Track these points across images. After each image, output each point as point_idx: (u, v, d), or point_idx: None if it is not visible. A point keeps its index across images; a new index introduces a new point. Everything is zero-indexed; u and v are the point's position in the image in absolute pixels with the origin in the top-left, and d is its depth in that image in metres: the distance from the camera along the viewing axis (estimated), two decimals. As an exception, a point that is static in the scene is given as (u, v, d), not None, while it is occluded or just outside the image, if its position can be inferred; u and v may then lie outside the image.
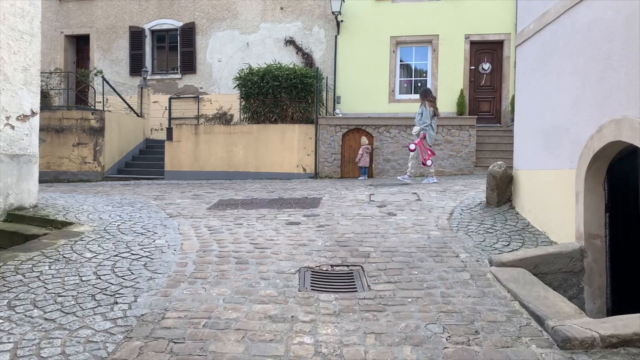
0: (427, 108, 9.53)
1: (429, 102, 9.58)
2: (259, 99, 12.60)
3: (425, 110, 9.54)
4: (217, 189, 9.55)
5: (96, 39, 16.68)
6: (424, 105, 9.57)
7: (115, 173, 13.51)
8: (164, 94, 16.06)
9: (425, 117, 9.52)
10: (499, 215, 6.32)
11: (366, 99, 14.29)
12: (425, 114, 9.54)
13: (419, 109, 9.66)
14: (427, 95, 9.74)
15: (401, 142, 12.16)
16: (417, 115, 9.67)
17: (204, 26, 15.75)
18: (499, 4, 13.73)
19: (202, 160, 12.79)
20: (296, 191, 8.91)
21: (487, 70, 14.13)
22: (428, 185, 8.79)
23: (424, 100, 9.63)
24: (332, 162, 12.39)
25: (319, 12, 14.88)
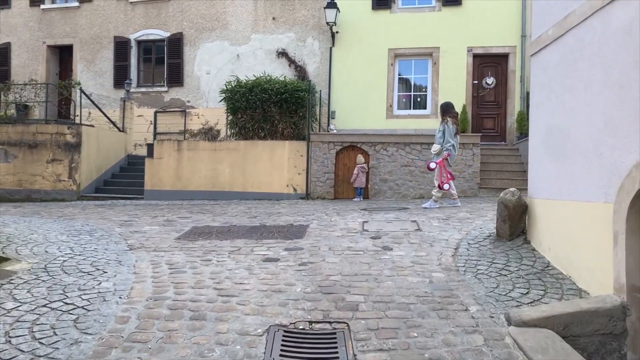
0: (449, 125, 8.57)
1: (452, 118, 8.63)
2: (246, 113, 11.74)
3: (448, 128, 8.54)
4: (194, 213, 8.62)
5: (79, 50, 15.88)
6: (445, 122, 8.51)
7: (92, 192, 12.58)
8: (149, 108, 15.21)
9: (449, 136, 8.50)
10: (513, 251, 5.39)
11: (362, 114, 13.45)
12: (447, 131, 8.52)
13: (440, 126, 8.63)
14: (448, 110, 8.73)
15: (399, 160, 11.27)
16: (437, 132, 8.64)
17: (192, 37, 14.96)
18: (504, 15, 12.95)
19: (184, 179, 11.87)
20: (281, 216, 7.98)
21: (491, 84, 13.30)
22: (429, 212, 7.84)
23: (445, 116, 8.63)
24: (324, 182, 11.48)
25: (313, 23, 14.10)
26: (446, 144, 8.43)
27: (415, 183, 11.18)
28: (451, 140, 8.45)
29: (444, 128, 8.49)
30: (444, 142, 8.45)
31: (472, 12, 13.14)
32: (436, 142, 8.64)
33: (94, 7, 15.70)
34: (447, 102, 8.90)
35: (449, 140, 8.43)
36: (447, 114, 8.65)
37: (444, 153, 8.46)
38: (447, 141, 8.42)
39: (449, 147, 8.43)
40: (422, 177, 11.16)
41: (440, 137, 8.57)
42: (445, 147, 8.44)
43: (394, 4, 13.54)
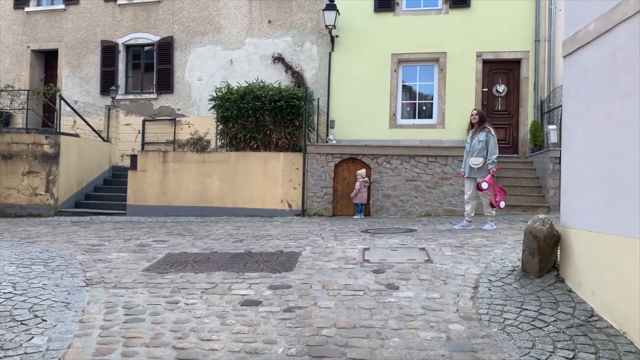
0: (493, 135, 7.60)
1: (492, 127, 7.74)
2: (238, 122, 10.83)
3: (492, 138, 7.56)
4: (174, 235, 7.67)
5: (65, 54, 15.03)
6: (487, 132, 7.54)
7: (72, 206, 11.66)
8: (137, 116, 14.32)
9: (494, 147, 7.52)
10: (544, 293, 4.43)
11: (363, 123, 12.53)
12: (492, 142, 7.53)
13: (481, 136, 7.54)
14: (486, 119, 7.84)
15: (404, 174, 10.33)
16: (478, 143, 7.54)
17: (183, 41, 14.09)
18: (516, 17, 12.06)
19: (170, 193, 10.94)
20: (271, 240, 7.03)
21: (502, 92, 12.38)
22: (439, 237, 6.87)
23: (483, 124, 7.64)
24: (322, 197, 10.54)
25: (311, 26, 13.23)
26: (491, 156, 7.43)
27: (421, 199, 10.23)
28: (497, 152, 7.50)
29: (488, 138, 7.47)
30: (489, 154, 7.44)
31: (481, 15, 12.26)
32: (475, 154, 7.55)
33: (81, 10, 14.87)
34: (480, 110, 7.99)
35: (495, 152, 7.46)
36: (487, 122, 7.71)
37: (491, 167, 7.41)
38: (493, 153, 7.44)
39: (495, 160, 7.45)
40: (428, 193, 10.22)
41: (482, 148, 7.51)
42: (491, 160, 7.43)
43: (398, 6, 12.67)
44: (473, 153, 7.55)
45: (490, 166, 7.40)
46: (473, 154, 7.55)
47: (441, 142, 12.14)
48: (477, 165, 7.49)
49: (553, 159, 9.98)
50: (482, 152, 7.48)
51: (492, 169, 7.39)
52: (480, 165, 7.46)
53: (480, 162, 7.45)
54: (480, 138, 7.51)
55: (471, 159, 7.56)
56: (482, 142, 7.48)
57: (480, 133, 7.54)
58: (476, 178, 7.48)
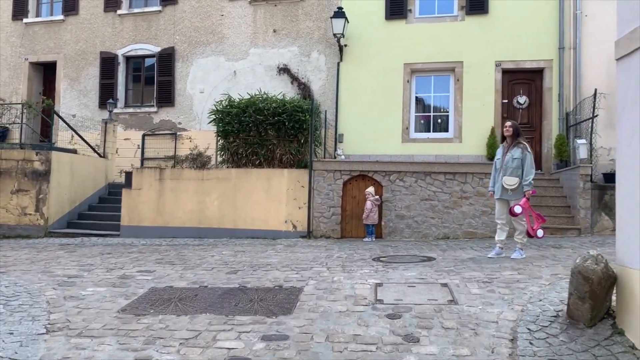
0: (529, 152, 6.67)
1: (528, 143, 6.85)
2: (239, 136, 10.09)
3: (528, 155, 6.62)
4: (163, 263, 6.88)
5: (63, 67, 14.47)
6: (523, 148, 6.57)
7: (64, 226, 10.96)
8: (137, 130, 13.67)
9: (530, 166, 6.57)
10: (601, 349, 3.56)
11: (374, 138, 11.74)
12: (528, 160, 6.58)
13: (516, 152, 6.55)
14: (521, 133, 6.85)
15: (419, 193, 9.49)
16: (512, 160, 6.55)
17: (185, 52, 13.47)
18: (538, 24, 11.26)
19: (166, 213, 10.20)
20: (270, 270, 6.21)
21: (523, 104, 11.54)
22: (463, 269, 5.98)
23: (517, 139, 6.66)
24: (329, 218, 9.72)
25: (318, 35, 12.53)
26: (528, 176, 6.46)
27: (438, 220, 9.38)
28: (533, 171, 6.56)
29: (524, 155, 6.53)
30: (525, 174, 6.48)
31: (500, 22, 11.47)
32: (509, 173, 6.55)
33: (80, 21, 14.34)
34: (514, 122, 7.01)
35: (531, 171, 6.50)
36: (522, 137, 6.78)
37: (527, 190, 6.45)
38: (529, 172, 6.47)
39: (531, 182, 6.48)
40: (446, 214, 9.36)
41: (517, 166, 6.54)
42: (528, 181, 6.46)
43: (410, 13, 11.94)
44: (506, 171, 6.58)
45: (526, 188, 6.46)
46: (506, 172, 6.58)
47: (458, 157, 11.30)
48: (511, 186, 6.52)
49: (584, 176, 9.10)
50: (517, 171, 6.53)
51: (528, 191, 6.49)
52: (515, 186, 6.50)
53: (516, 182, 6.50)
54: (514, 154, 6.56)
55: (505, 178, 6.57)
56: (517, 159, 6.54)
57: (515, 149, 6.60)
58: (509, 201, 6.59)
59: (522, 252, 6.65)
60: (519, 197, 6.50)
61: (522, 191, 6.51)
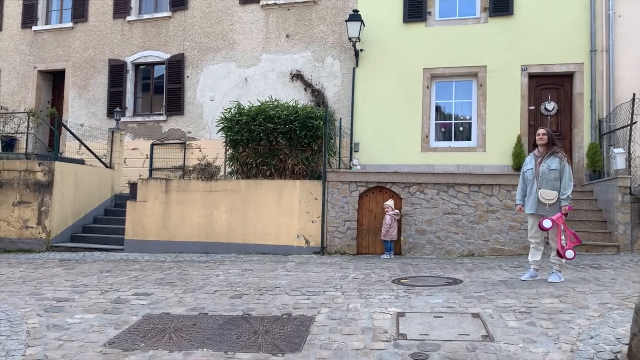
0: (567, 162, 5.97)
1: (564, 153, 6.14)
2: (249, 146, 9.55)
3: (567, 166, 5.90)
4: (163, 284, 6.31)
5: (72, 75, 14.15)
6: (561, 158, 5.84)
7: (67, 240, 10.50)
8: (145, 139, 13.25)
9: (569, 179, 5.85)
10: (681, 407, 2.86)
11: (392, 147, 11.11)
12: (567, 172, 5.85)
13: (553, 163, 5.81)
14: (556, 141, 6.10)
15: (441, 206, 8.82)
16: (549, 171, 5.80)
17: (195, 58, 13.03)
18: (567, 25, 10.57)
19: (172, 227, 9.67)
20: (279, 295, 5.60)
21: (551, 111, 10.82)
22: (495, 294, 5.27)
23: (553, 147, 5.93)
24: (344, 233, 9.10)
25: (333, 40, 11.98)
26: (566, 190, 5.73)
27: (462, 236, 8.69)
28: (572, 185, 5.84)
29: (562, 166, 5.79)
30: (563, 188, 5.75)
31: (526, 23, 10.80)
32: (544, 185, 5.79)
33: (89, 28, 14.02)
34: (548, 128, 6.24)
35: (570, 185, 5.78)
36: (557, 145, 6.04)
37: (564, 205, 5.73)
38: (568, 186, 5.75)
39: (570, 196, 5.78)
40: (470, 229, 8.68)
41: (554, 178, 5.79)
42: (566, 196, 5.74)
43: (430, 16, 11.33)
44: (542, 184, 5.84)
45: (565, 203, 5.74)
46: (542, 184, 5.85)
47: (482, 167, 10.62)
48: (550, 201, 5.77)
49: (622, 188, 8.35)
50: (554, 184, 5.78)
51: (566, 206, 5.78)
52: (553, 200, 5.76)
53: (554, 196, 5.75)
54: (552, 165, 5.82)
55: (541, 191, 5.82)
56: (554, 170, 5.79)
57: (552, 159, 5.86)
58: (545, 216, 5.88)
59: (560, 275, 5.93)
60: (557, 212, 5.80)
61: (559, 206, 5.81)
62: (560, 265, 5.95)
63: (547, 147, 5.97)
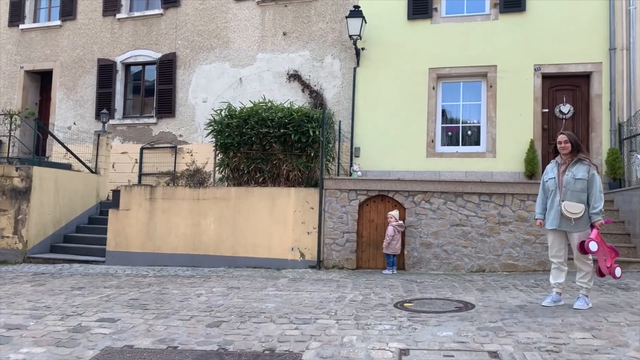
0: (596, 171, 5.18)
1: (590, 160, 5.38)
2: (240, 150, 8.84)
3: (596, 176, 5.13)
4: (135, 306, 5.57)
5: (59, 75, 13.50)
6: (589, 166, 5.09)
7: (46, 251, 9.82)
8: (135, 143, 12.57)
9: (599, 189, 5.07)
10: None
11: (395, 152, 10.39)
12: (597, 182, 5.09)
13: (579, 171, 5.05)
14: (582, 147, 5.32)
15: (448, 217, 8.08)
16: (575, 181, 5.04)
17: (187, 57, 12.35)
18: (584, 22, 9.84)
19: (157, 237, 8.96)
20: (263, 322, 4.86)
21: (567, 114, 10.08)
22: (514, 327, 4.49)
23: (578, 154, 5.17)
24: (343, 245, 8.36)
25: (332, 38, 11.28)
26: (597, 202, 4.98)
27: (471, 250, 7.94)
28: (603, 196, 5.08)
29: (591, 176, 5.04)
30: (594, 200, 4.99)
31: (539, 20, 10.08)
32: (569, 197, 5.03)
33: (78, 26, 13.38)
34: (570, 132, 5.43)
35: (601, 196, 5.03)
36: (583, 152, 5.27)
37: (597, 220, 4.96)
38: (599, 198, 5.00)
39: (602, 209, 5.03)
40: (481, 242, 7.93)
41: (581, 189, 5.03)
42: (598, 209, 4.98)
43: (436, 13, 10.62)
44: (566, 195, 5.08)
45: (597, 218, 4.97)
46: (566, 196, 5.08)
47: (492, 174, 9.88)
48: (576, 215, 4.98)
49: (648, 198, 7.58)
50: (581, 195, 5.02)
51: (600, 221, 5.02)
52: (580, 214, 4.99)
53: (581, 210, 4.98)
54: (578, 174, 5.05)
55: (565, 204, 5.05)
56: (581, 180, 5.03)
57: (578, 166, 5.10)
58: (572, 233, 5.11)
59: (588, 300, 5.17)
60: (584, 228, 5.04)
61: (589, 221, 5.05)
62: (588, 289, 5.19)
63: (571, 154, 5.22)
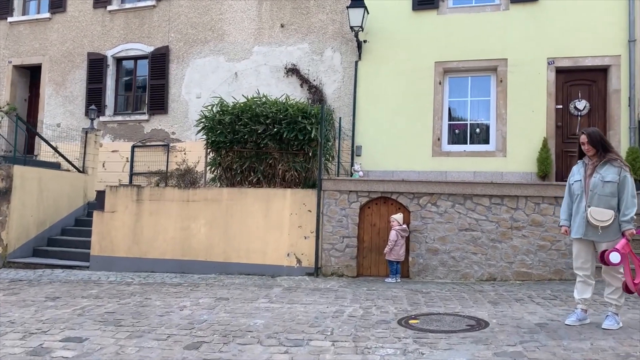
0: (628, 172, 4.54)
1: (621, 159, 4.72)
2: (233, 149, 8.26)
3: (628, 177, 4.48)
4: (107, 322, 4.99)
5: (48, 70, 12.94)
6: (620, 167, 4.46)
7: (29, 254, 9.27)
8: (126, 141, 12.00)
9: (632, 194, 4.42)
10: None
11: (399, 150, 9.78)
12: (629, 184, 4.44)
13: (609, 173, 4.43)
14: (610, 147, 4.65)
15: (456, 221, 7.48)
16: (604, 184, 4.43)
17: (181, 51, 11.77)
18: (601, 12, 9.21)
19: (144, 242, 8.39)
20: (249, 344, 4.27)
21: (582, 110, 9.45)
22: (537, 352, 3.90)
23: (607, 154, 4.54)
24: (342, 251, 7.77)
25: (333, 30, 10.68)
26: (629, 209, 4.35)
27: (482, 257, 7.34)
28: (636, 202, 4.42)
29: (623, 178, 4.41)
30: (625, 206, 4.38)
31: (553, 11, 9.45)
32: (596, 202, 4.43)
33: (67, 19, 12.81)
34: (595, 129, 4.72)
35: (634, 202, 4.38)
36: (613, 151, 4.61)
37: (628, 229, 4.35)
38: (632, 204, 4.36)
39: (634, 217, 4.39)
40: (492, 248, 7.33)
41: (610, 193, 4.42)
42: (629, 217, 4.35)
43: (443, 3, 10.01)
44: (592, 200, 4.48)
45: (627, 226, 4.36)
46: (592, 200, 4.48)
47: (502, 175, 9.27)
48: (603, 222, 4.39)
49: (675, 202, 6.93)
50: (609, 201, 4.41)
51: (631, 230, 4.41)
52: (609, 222, 4.39)
53: (610, 217, 4.38)
54: (607, 176, 4.44)
55: (591, 209, 4.46)
56: (610, 183, 4.41)
57: (607, 167, 4.47)
58: (600, 243, 4.51)
59: (618, 318, 4.57)
60: (614, 237, 4.44)
61: (619, 230, 4.45)
62: (618, 306, 4.59)
63: (597, 155, 4.61)
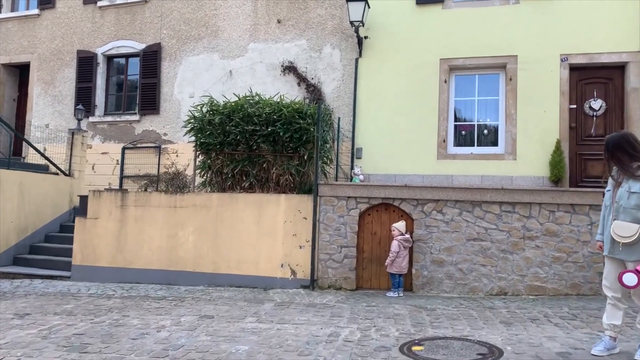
0: None
1: None
2: (223, 151, 7.71)
3: None
4: (71, 348, 4.43)
5: (37, 69, 12.43)
6: None
7: (8, 263, 8.75)
8: (116, 142, 11.47)
9: None
10: None
11: (401, 153, 9.20)
12: None
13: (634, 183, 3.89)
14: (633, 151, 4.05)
15: (464, 230, 6.90)
16: (629, 196, 3.88)
17: (173, 49, 11.24)
18: (617, 6, 8.61)
19: (128, 251, 7.85)
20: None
21: (598, 110, 8.85)
22: None
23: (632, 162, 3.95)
24: (341, 262, 7.20)
25: (332, 26, 10.12)
26: None
27: (491, 269, 6.76)
28: None
29: None
30: None
31: (567, 5, 8.86)
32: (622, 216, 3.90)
33: (57, 15, 12.31)
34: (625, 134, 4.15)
35: None
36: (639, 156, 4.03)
37: None
38: None
39: None
40: (502, 260, 6.75)
41: (634, 206, 3.86)
42: None
43: (449, -3, 9.44)
44: (618, 213, 3.94)
45: None
46: (618, 214, 3.94)
47: (511, 179, 8.68)
48: (626, 239, 3.84)
49: None
50: (637, 214, 3.86)
51: None
52: (633, 238, 3.84)
53: (635, 232, 3.82)
54: (633, 186, 3.88)
55: (615, 224, 3.92)
56: (636, 194, 3.85)
57: (635, 180, 3.92)
58: (627, 262, 3.94)
59: (615, 345, 3.99)
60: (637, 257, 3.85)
61: None
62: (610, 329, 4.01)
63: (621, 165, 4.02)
